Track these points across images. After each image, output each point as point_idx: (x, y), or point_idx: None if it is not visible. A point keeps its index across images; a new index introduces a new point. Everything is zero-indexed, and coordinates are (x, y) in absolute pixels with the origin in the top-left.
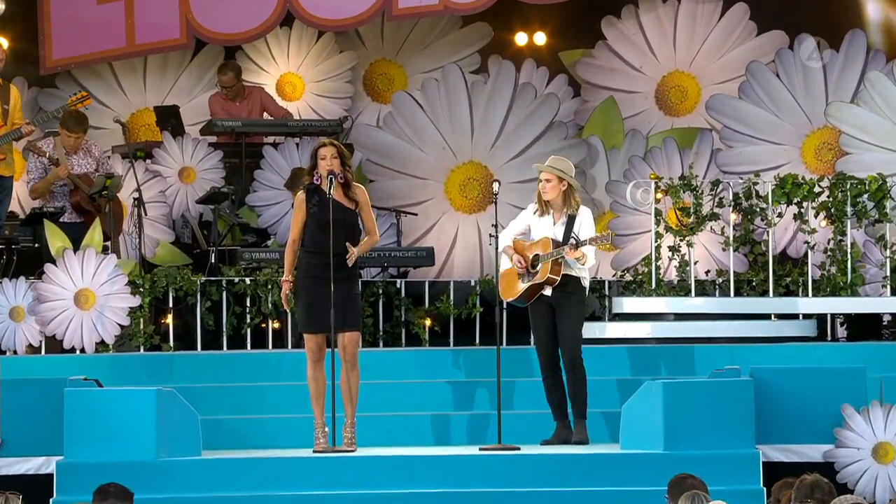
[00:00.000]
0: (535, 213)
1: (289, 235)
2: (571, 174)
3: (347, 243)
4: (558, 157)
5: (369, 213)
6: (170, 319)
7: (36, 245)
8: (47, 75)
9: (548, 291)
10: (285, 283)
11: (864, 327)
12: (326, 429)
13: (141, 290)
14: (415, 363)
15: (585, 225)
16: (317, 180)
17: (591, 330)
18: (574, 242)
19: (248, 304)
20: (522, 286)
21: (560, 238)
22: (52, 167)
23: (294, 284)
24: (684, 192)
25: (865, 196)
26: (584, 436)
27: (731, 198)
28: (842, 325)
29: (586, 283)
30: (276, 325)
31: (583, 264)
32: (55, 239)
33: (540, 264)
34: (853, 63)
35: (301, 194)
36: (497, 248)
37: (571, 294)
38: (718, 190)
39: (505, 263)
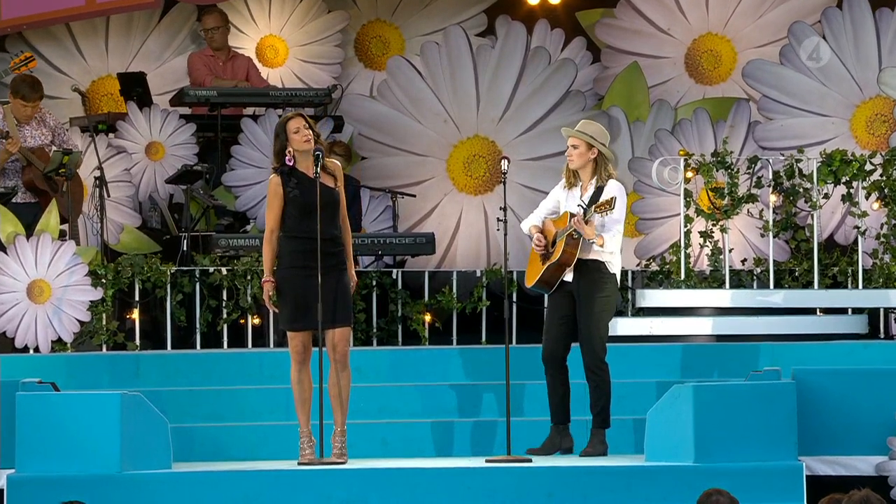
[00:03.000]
0: (563, 186)
1: (265, 226)
2: (604, 141)
3: (352, 273)
4: (589, 120)
5: (343, 192)
6: (136, 315)
7: None
8: None
9: (569, 277)
10: (267, 283)
11: None
12: (313, 438)
13: (103, 281)
14: (413, 364)
15: (605, 197)
16: (289, 160)
17: (610, 326)
18: (582, 212)
19: (224, 298)
20: (541, 267)
21: (578, 212)
22: (2, 141)
23: (277, 276)
24: (718, 170)
25: None
26: (599, 449)
27: (770, 177)
28: None
29: (615, 270)
30: (256, 320)
31: (600, 246)
32: (6, 223)
33: (556, 241)
34: None
35: (275, 178)
36: (505, 234)
37: (595, 283)
38: (756, 168)
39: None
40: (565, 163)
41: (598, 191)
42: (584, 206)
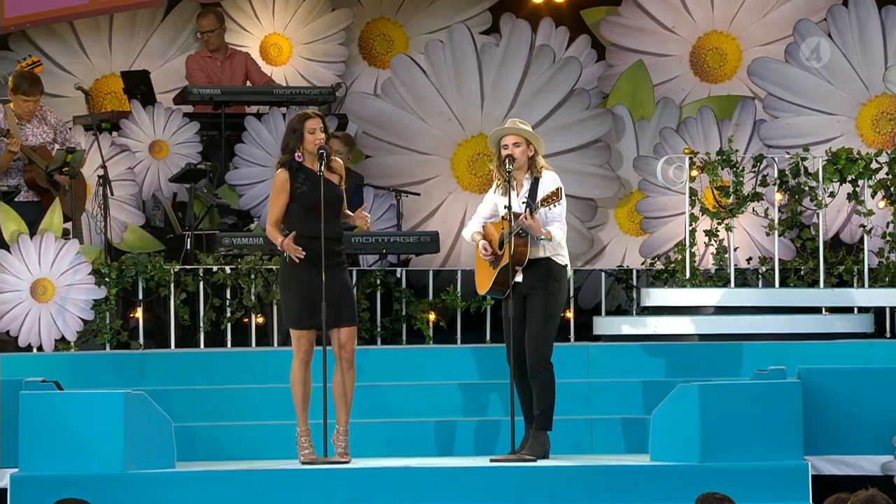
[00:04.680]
0: (495, 190)
1: (268, 220)
2: (536, 137)
3: (365, 213)
4: (517, 118)
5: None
6: (139, 313)
7: None
8: (0, 36)
9: (520, 277)
10: (287, 240)
11: None
12: (310, 437)
13: (107, 280)
14: (417, 363)
15: (545, 189)
16: (299, 157)
17: (615, 325)
18: (528, 208)
19: (228, 296)
20: (493, 272)
21: (523, 210)
22: (3, 140)
23: (282, 276)
24: (723, 168)
25: None
26: (537, 451)
27: (776, 175)
28: None
29: (565, 261)
30: (260, 319)
31: (549, 240)
32: (9, 222)
33: (503, 244)
34: None
35: (283, 173)
36: (510, 232)
37: (543, 281)
38: (762, 166)
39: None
40: (494, 166)
41: (535, 182)
42: (529, 203)
